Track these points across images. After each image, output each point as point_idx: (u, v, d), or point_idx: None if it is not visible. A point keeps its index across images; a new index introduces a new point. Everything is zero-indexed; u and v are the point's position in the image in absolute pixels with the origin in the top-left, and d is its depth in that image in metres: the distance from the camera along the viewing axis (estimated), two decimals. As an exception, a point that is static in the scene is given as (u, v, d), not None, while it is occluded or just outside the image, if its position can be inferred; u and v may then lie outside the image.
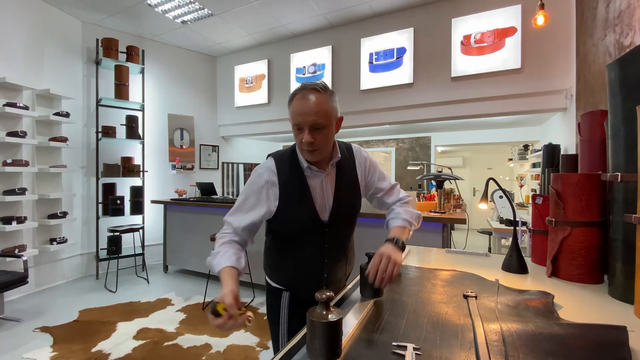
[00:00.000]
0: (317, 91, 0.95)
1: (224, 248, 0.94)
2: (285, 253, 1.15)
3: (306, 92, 0.95)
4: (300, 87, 0.98)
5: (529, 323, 0.79)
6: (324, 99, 0.96)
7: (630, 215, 0.88)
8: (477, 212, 7.26)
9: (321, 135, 0.97)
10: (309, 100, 0.94)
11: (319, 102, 0.95)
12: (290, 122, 1.00)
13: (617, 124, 0.99)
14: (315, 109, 0.94)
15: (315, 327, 0.67)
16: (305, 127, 0.95)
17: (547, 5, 2.64)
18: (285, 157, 1.07)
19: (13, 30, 3.24)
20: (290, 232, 1.11)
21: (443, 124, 4.95)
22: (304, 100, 0.95)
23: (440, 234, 2.57)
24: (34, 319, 2.79)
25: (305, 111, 0.94)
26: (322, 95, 0.96)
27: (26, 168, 3.13)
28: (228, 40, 4.67)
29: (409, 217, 1.12)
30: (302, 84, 0.99)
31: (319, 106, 0.95)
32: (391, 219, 1.15)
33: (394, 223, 1.12)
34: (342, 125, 1.10)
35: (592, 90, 2.41)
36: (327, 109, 0.96)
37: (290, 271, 1.15)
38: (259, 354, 2.27)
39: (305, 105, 0.94)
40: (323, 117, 0.95)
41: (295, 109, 0.96)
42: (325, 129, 0.97)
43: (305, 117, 0.95)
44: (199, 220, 3.92)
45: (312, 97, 0.94)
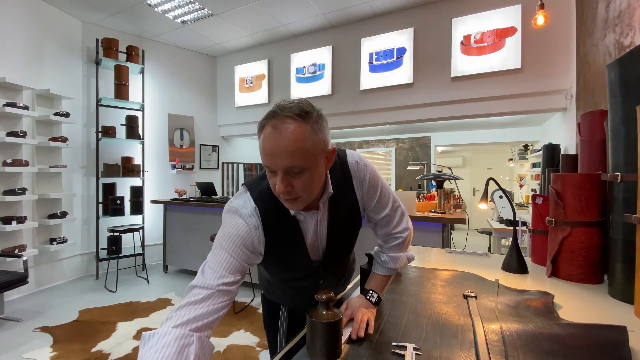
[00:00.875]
0: (293, 119, 0.66)
1: (164, 332, 0.59)
2: (277, 282, 1.04)
3: (278, 122, 0.66)
4: (271, 113, 0.69)
5: (529, 323, 0.79)
6: (304, 132, 0.67)
7: (630, 215, 0.88)
8: (477, 212, 7.26)
9: (302, 180, 0.69)
10: (282, 135, 0.65)
11: (295, 137, 0.66)
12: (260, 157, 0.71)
13: (617, 124, 0.99)
14: (291, 147, 0.65)
15: (315, 327, 0.67)
16: (278, 171, 0.68)
17: (547, 5, 2.64)
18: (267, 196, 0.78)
19: (13, 30, 3.24)
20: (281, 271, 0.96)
21: (443, 124, 4.95)
22: (276, 133, 0.66)
23: (440, 234, 2.57)
24: (34, 319, 2.79)
25: (276, 150, 0.66)
26: (300, 127, 0.66)
27: (26, 168, 3.13)
28: (228, 40, 4.67)
29: (395, 266, 0.94)
30: (276, 107, 0.69)
31: (296, 143, 0.66)
32: (376, 264, 0.97)
33: (377, 270, 0.96)
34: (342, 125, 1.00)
35: (592, 90, 2.41)
36: (308, 146, 0.67)
37: (284, 296, 1.07)
38: (259, 354, 2.27)
39: (276, 143, 0.66)
40: (302, 159, 0.67)
41: (264, 144, 0.68)
42: (307, 172, 0.69)
43: (275, 159, 0.66)
44: (199, 220, 3.92)
45: (287, 130, 0.65)
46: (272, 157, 0.67)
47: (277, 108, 0.69)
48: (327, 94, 4.24)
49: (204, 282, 0.66)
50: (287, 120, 0.66)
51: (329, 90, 4.22)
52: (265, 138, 0.68)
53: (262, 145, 0.69)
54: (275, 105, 0.70)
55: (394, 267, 0.95)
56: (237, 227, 0.75)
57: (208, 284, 0.66)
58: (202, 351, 0.59)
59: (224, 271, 0.69)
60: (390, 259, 0.95)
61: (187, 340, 0.57)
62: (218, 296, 0.65)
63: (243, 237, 0.74)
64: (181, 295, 3.37)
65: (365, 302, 0.88)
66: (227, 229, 0.75)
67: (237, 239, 0.73)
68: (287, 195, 0.70)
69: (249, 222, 0.76)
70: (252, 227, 0.76)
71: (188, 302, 0.63)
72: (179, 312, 0.62)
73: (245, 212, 0.77)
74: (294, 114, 0.67)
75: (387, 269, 0.95)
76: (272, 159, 0.67)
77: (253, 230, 0.76)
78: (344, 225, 0.92)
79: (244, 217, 0.76)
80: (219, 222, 3.69)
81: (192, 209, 3.98)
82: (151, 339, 0.57)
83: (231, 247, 0.72)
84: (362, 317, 0.80)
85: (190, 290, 0.67)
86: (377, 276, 0.96)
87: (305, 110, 0.68)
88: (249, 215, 0.77)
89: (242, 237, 0.74)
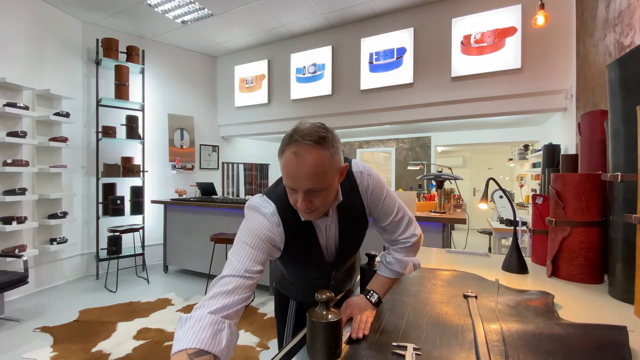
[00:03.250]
0: (314, 148, 0.73)
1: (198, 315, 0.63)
2: (291, 276, 1.11)
3: (300, 149, 0.73)
4: (292, 138, 0.75)
5: (529, 323, 0.79)
6: (323, 157, 0.74)
7: (630, 215, 0.88)
8: (477, 212, 7.26)
9: (320, 198, 0.78)
10: (303, 161, 0.72)
11: (316, 163, 0.73)
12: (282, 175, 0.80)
13: (617, 124, 0.99)
14: (312, 171, 0.73)
15: (316, 328, 0.68)
16: (299, 191, 0.76)
17: (547, 5, 2.64)
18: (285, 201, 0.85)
19: (13, 30, 3.24)
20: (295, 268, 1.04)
21: (443, 124, 4.95)
22: (297, 159, 0.73)
23: (440, 234, 2.57)
24: (34, 319, 2.79)
25: (299, 175, 0.74)
26: (320, 153, 0.73)
27: (26, 168, 3.13)
28: (228, 40, 4.67)
29: (401, 270, 0.95)
30: (294, 133, 0.75)
31: (316, 168, 0.73)
32: (381, 266, 0.98)
33: (381, 271, 0.97)
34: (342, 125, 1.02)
35: (592, 90, 2.41)
36: (326, 169, 0.75)
37: (296, 289, 1.14)
38: (259, 354, 2.27)
39: (298, 168, 0.73)
40: (321, 181, 0.75)
41: (287, 169, 0.75)
42: (325, 190, 0.77)
43: (298, 182, 0.74)
44: (199, 220, 3.92)
45: (308, 157, 0.72)
46: (294, 180, 0.75)
47: (297, 134, 0.74)
48: (327, 94, 4.24)
49: (232, 272, 0.72)
50: (308, 147, 0.73)
51: (329, 90, 4.22)
52: (287, 163, 0.75)
53: (284, 168, 0.76)
54: (293, 131, 0.76)
55: (399, 271, 0.94)
56: (261, 224, 0.82)
57: (236, 273, 0.72)
58: (231, 337, 0.64)
59: (249, 261, 0.75)
60: (396, 261, 0.95)
61: (219, 326, 0.63)
62: (244, 285, 0.71)
63: (266, 233, 0.81)
64: (181, 295, 3.38)
65: (365, 302, 0.88)
66: (251, 225, 0.81)
67: (261, 234, 0.80)
68: (307, 209, 0.78)
69: (271, 220, 0.83)
70: (274, 225, 0.83)
71: (219, 292, 0.68)
72: (211, 301, 0.67)
73: (267, 211, 0.84)
74: (313, 141, 0.73)
75: (391, 271, 0.95)
76: (294, 181, 0.75)
77: (275, 227, 0.83)
78: (352, 229, 0.96)
79: (266, 215, 0.83)
80: (219, 222, 3.72)
81: (192, 209, 3.98)
82: (187, 322, 0.62)
83: (255, 241, 0.79)
84: (361, 317, 0.82)
85: (219, 280, 0.72)
86: (380, 277, 0.96)
87: (322, 136, 0.74)
88: (271, 214, 0.84)
89: (265, 232, 0.81)
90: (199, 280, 3.82)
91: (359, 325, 0.79)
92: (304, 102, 4.46)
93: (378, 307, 0.90)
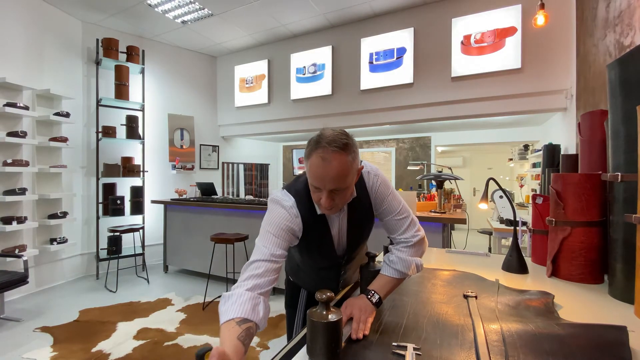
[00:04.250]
0: (339, 154, 0.82)
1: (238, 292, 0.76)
2: (305, 265, 1.17)
3: (326, 154, 0.82)
4: (319, 143, 0.84)
5: (529, 323, 0.79)
6: (346, 162, 0.83)
7: (630, 215, 0.88)
8: (477, 212, 7.26)
9: (340, 196, 0.88)
10: (330, 165, 0.82)
11: (340, 166, 0.82)
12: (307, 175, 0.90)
13: (617, 124, 0.99)
14: (338, 175, 0.83)
15: (315, 327, 0.68)
16: (324, 190, 0.85)
17: (547, 5, 2.64)
18: (304, 196, 0.96)
19: (13, 30, 3.24)
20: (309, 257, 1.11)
21: (443, 124, 4.94)
22: (325, 164, 0.82)
23: (441, 234, 2.57)
24: (34, 319, 2.79)
25: (325, 177, 0.83)
26: (343, 158, 0.83)
27: (26, 168, 3.13)
28: (228, 40, 4.67)
29: (404, 269, 0.97)
30: (320, 139, 0.84)
31: (341, 171, 0.83)
32: (385, 264, 1.01)
33: (385, 271, 0.99)
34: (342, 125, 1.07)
35: (592, 90, 2.41)
36: (348, 172, 0.85)
37: (308, 278, 1.22)
38: (259, 354, 2.27)
39: (326, 171, 0.82)
40: (343, 182, 0.85)
41: (314, 171, 0.84)
42: (345, 190, 0.88)
43: (324, 182, 0.84)
44: (199, 220, 3.92)
45: (334, 161, 0.82)
46: (321, 181, 0.84)
47: (324, 141, 0.83)
48: (327, 94, 4.24)
49: (260, 257, 0.83)
50: (334, 153, 0.82)
51: (329, 90, 4.22)
52: (315, 166, 0.84)
53: (311, 170, 0.85)
54: (319, 137, 0.85)
55: (402, 270, 0.96)
56: (281, 215, 0.92)
57: (264, 258, 0.83)
58: (266, 309, 0.76)
59: (274, 247, 0.86)
60: (399, 260, 0.97)
61: (256, 301, 0.75)
62: (272, 269, 0.83)
63: (286, 224, 0.91)
64: (181, 295, 3.38)
65: (366, 302, 0.89)
66: (273, 216, 0.92)
67: (282, 224, 0.91)
68: (329, 207, 0.88)
69: (290, 212, 0.93)
70: (293, 216, 0.93)
71: (251, 275, 0.80)
72: (246, 282, 0.78)
73: (287, 204, 0.94)
74: (338, 147, 0.82)
75: (394, 270, 0.97)
76: (320, 182, 0.84)
77: (294, 219, 0.93)
78: (360, 223, 1.06)
79: (286, 208, 0.94)
80: (219, 222, 3.72)
81: (192, 209, 3.98)
82: (230, 298, 0.74)
83: (277, 231, 0.89)
84: (361, 317, 0.84)
85: (250, 265, 0.83)
86: (382, 277, 0.98)
87: (345, 143, 0.84)
88: (290, 207, 0.94)
89: (285, 223, 0.91)
90: (199, 280, 3.82)
91: (359, 326, 0.81)
92: (304, 102, 4.46)
93: (379, 307, 0.91)
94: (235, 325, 0.68)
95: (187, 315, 2.87)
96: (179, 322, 2.74)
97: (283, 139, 6.69)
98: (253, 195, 5.97)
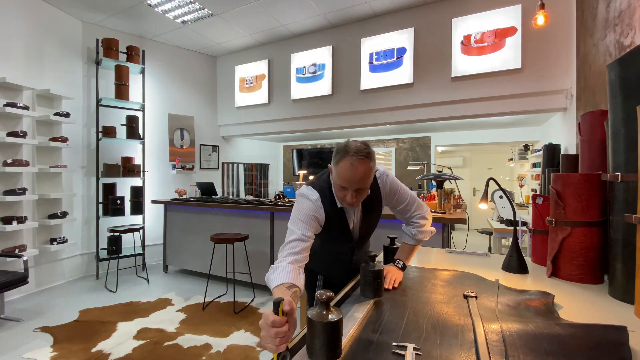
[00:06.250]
0: (364, 161, 1.04)
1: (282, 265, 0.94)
2: (322, 250, 1.36)
3: (355, 161, 1.03)
4: (348, 151, 1.05)
5: (529, 323, 0.79)
6: (369, 168, 1.06)
7: (630, 215, 0.88)
8: (477, 212, 7.25)
9: (361, 194, 1.11)
10: (357, 170, 1.04)
11: (365, 171, 1.05)
12: (333, 176, 1.13)
13: (617, 124, 0.99)
14: (362, 177, 1.05)
15: (315, 327, 0.67)
16: (350, 190, 1.07)
17: (547, 5, 2.64)
18: (326, 191, 1.19)
19: (13, 30, 3.24)
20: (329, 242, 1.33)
21: (443, 124, 4.94)
22: (353, 168, 1.04)
23: (441, 234, 2.57)
24: (34, 319, 2.79)
25: (353, 180, 1.05)
26: (367, 165, 1.05)
27: (26, 168, 3.13)
28: (228, 40, 4.67)
29: (422, 237, 1.30)
30: (348, 148, 1.05)
31: (365, 175, 1.05)
32: (405, 235, 1.33)
33: (405, 239, 1.32)
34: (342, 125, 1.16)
35: (592, 90, 2.41)
36: (369, 175, 1.07)
37: (323, 262, 1.40)
38: (259, 354, 2.27)
39: (353, 175, 1.04)
40: (366, 183, 1.08)
41: (343, 174, 1.06)
42: (365, 190, 1.11)
43: (351, 184, 1.06)
44: (199, 220, 3.92)
45: (360, 167, 1.04)
46: (348, 182, 1.06)
47: (351, 151, 1.04)
48: (327, 94, 4.24)
49: (295, 237, 1.04)
50: (361, 160, 1.04)
51: (329, 90, 4.22)
52: (344, 169, 1.05)
53: (340, 173, 1.06)
54: (346, 147, 1.06)
55: (420, 238, 1.29)
56: (308, 206, 1.13)
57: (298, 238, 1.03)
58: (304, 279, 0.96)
59: (304, 229, 1.07)
60: (417, 231, 1.29)
61: (298, 271, 0.94)
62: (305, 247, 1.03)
63: (312, 213, 1.12)
64: (181, 295, 3.38)
65: (395, 268, 1.20)
66: (302, 207, 1.13)
67: (309, 213, 1.11)
68: (353, 203, 1.10)
69: (315, 204, 1.14)
70: (318, 207, 1.14)
71: (290, 252, 1.00)
72: (287, 257, 0.98)
73: (312, 197, 1.15)
74: (364, 156, 1.04)
75: (414, 239, 1.30)
76: (348, 183, 1.06)
77: (318, 209, 1.14)
78: (371, 216, 1.30)
79: (312, 200, 1.15)
80: (219, 222, 3.72)
81: (192, 209, 3.98)
82: (277, 269, 0.92)
83: (305, 218, 1.10)
84: (392, 276, 1.14)
85: (288, 244, 1.02)
86: (404, 247, 1.31)
87: (368, 152, 1.06)
88: (315, 200, 1.15)
89: (311, 212, 1.12)
90: (199, 280, 3.82)
91: (390, 281, 1.11)
92: (304, 102, 4.46)
93: (404, 270, 1.22)
94: (285, 289, 0.84)
95: (187, 315, 2.87)
96: (179, 322, 2.74)
97: (283, 139, 6.69)
98: (253, 195, 5.97)
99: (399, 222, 1.38)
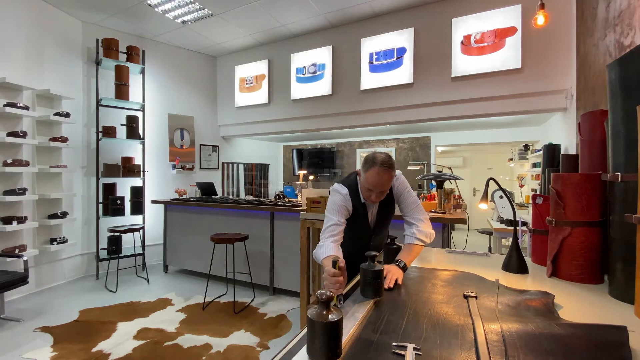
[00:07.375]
0: (389, 170, 1.33)
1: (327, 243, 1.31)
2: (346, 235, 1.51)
3: (382, 171, 1.32)
4: (375, 161, 1.33)
5: (529, 323, 0.79)
6: (391, 176, 1.36)
7: (630, 215, 0.88)
8: (477, 212, 7.25)
9: (383, 194, 1.42)
10: (382, 178, 1.33)
11: (389, 179, 1.35)
12: (361, 180, 1.43)
13: (617, 124, 0.99)
14: (387, 184, 1.36)
15: (315, 327, 0.67)
16: (375, 191, 1.38)
17: (547, 5, 2.64)
18: (353, 188, 1.49)
19: (13, 30, 3.24)
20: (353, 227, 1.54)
21: (443, 124, 4.94)
22: (380, 177, 1.32)
23: (441, 234, 2.56)
24: (34, 319, 2.79)
25: (379, 185, 1.35)
26: (390, 174, 1.34)
27: (26, 168, 3.13)
28: (228, 40, 4.67)
29: (422, 237, 1.45)
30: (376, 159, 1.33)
31: (388, 181, 1.36)
32: (407, 236, 1.48)
33: (408, 240, 1.46)
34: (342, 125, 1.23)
35: (592, 90, 2.41)
36: (391, 181, 1.38)
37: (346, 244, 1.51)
38: (259, 354, 2.27)
39: (380, 182, 1.34)
40: (388, 187, 1.40)
41: (371, 180, 1.34)
42: (386, 191, 1.42)
43: (377, 188, 1.36)
44: (199, 220, 3.92)
45: (385, 175, 1.33)
46: (375, 187, 1.36)
47: (378, 161, 1.33)
48: (327, 94, 4.24)
49: (333, 222, 1.39)
50: (387, 170, 1.33)
51: (329, 90, 4.22)
52: (371, 176, 1.34)
53: (368, 179, 1.35)
54: (374, 158, 1.35)
55: (421, 239, 1.44)
56: (340, 199, 1.45)
57: (335, 223, 1.39)
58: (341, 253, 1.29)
59: (339, 216, 1.42)
60: (418, 232, 1.45)
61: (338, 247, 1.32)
62: (340, 230, 1.39)
63: (343, 204, 1.44)
64: (181, 295, 3.38)
65: (396, 267, 1.26)
66: (335, 199, 1.45)
67: (341, 204, 1.44)
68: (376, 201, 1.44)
69: (345, 197, 1.45)
70: (347, 200, 1.46)
71: (331, 234, 1.36)
72: (329, 238, 1.34)
73: (343, 192, 1.46)
74: (388, 167, 1.33)
75: (414, 239, 1.44)
76: (374, 187, 1.36)
77: (347, 201, 1.45)
78: (386, 210, 1.58)
79: (342, 194, 1.46)
80: (219, 222, 3.73)
81: (192, 209, 3.98)
82: (323, 246, 1.30)
83: (338, 208, 1.43)
84: (392, 275, 1.18)
85: (328, 228, 1.38)
86: (406, 248, 1.42)
87: (391, 163, 1.35)
88: (345, 194, 1.46)
89: (342, 204, 1.44)
90: (199, 280, 3.82)
91: (390, 280, 1.15)
92: (304, 102, 4.47)
93: (405, 270, 1.28)
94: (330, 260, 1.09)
95: (187, 315, 2.87)
96: (179, 322, 2.74)
97: (283, 139, 6.69)
98: (253, 195, 5.97)
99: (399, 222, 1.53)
